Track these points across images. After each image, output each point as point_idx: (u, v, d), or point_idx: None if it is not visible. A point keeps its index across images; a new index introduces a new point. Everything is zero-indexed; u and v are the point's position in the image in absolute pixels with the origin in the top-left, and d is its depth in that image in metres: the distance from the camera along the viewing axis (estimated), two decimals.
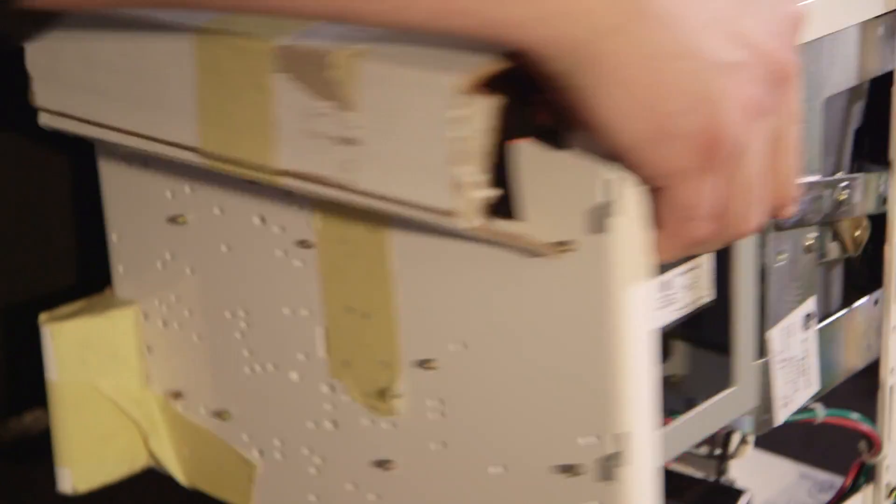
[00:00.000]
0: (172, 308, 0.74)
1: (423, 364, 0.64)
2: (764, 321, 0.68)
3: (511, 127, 0.54)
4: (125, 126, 0.65)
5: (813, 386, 0.70)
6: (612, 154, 0.53)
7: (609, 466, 0.58)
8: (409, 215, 0.56)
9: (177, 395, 0.76)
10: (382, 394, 0.66)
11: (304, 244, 0.66)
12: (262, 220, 0.68)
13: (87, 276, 0.81)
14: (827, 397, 0.74)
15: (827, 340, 0.73)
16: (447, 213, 0.54)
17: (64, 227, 0.80)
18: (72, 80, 0.67)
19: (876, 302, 0.75)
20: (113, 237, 0.76)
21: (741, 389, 0.66)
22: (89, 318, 0.76)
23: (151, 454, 0.78)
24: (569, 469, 0.59)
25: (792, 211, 0.58)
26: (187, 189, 0.71)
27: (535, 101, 0.54)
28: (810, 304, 0.69)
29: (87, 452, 0.77)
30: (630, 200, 0.54)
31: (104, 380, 0.76)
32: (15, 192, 0.78)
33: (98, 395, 0.76)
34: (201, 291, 0.72)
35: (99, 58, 0.65)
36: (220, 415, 0.74)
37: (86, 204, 0.79)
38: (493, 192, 0.54)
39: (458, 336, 0.62)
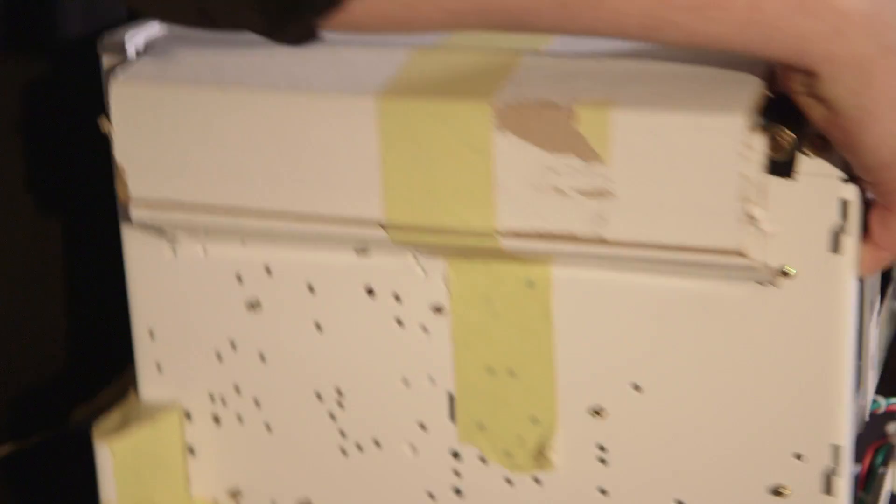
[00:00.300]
0: (231, 401, 0.70)
1: (586, 413, 0.64)
2: None
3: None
4: (262, 205, 0.61)
5: (876, 377, 0.74)
6: (859, 173, 0.56)
7: (830, 480, 0.60)
8: (674, 259, 0.56)
9: (234, 494, 0.72)
10: (532, 450, 0.65)
11: (436, 310, 0.65)
12: (370, 291, 0.66)
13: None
14: None
15: None
16: (734, 253, 0.55)
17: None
18: (179, 163, 0.62)
19: None
20: (143, 333, 0.71)
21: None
22: (140, 428, 0.70)
23: None
24: (777, 491, 0.61)
25: None
26: (264, 271, 0.67)
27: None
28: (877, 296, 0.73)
29: None
30: (856, 220, 0.57)
31: (157, 492, 0.71)
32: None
33: None
34: (277, 378, 0.69)
35: (218, 135, 0.61)
36: None
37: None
38: (775, 227, 0.56)
39: (630, 379, 0.63)
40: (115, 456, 0.68)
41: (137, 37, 0.66)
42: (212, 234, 0.66)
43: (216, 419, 0.71)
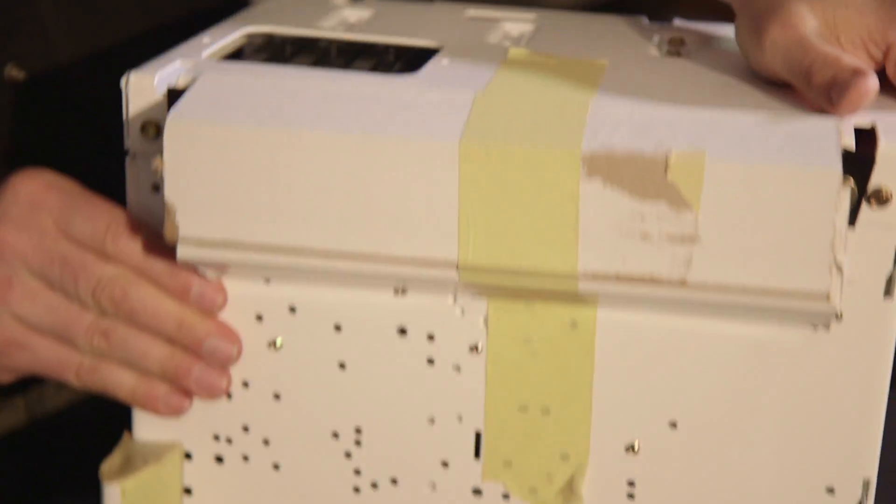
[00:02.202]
0: (237, 441, 0.69)
1: (619, 449, 0.66)
2: None
3: None
4: (327, 246, 0.61)
5: None
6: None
7: None
8: (753, 304, 0.58)
9: None
10: (559, 486, 0.67)
11: (472, 349, 0.65)
12: (402, 331, 0.66)
13: None
14: None
15: None
16: (822, 297, 0.57)
17: None
18: (237, 202, 0.61)
19: None
20: None
21: None
22: (147, 468, 0.68)
23: None
24: None
25: None
26: (287, 311, 0.66)
27: None
28: None
29: None
30: None
31: None
32: None
33: None
34: (290, 417, 0.68)
35: (284, 175, 0.61)
36: None
37: None
38: (853, 273, 0.59)
39: (667, 417, 0.65)
40: (124, 497, 0.66)
41: (166, 73, 0.64)
42: (240, 272, 0.65)
43: (218, 459, 0.69)
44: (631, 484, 0.66)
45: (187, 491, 0.70)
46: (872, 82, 0.59)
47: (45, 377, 0.67)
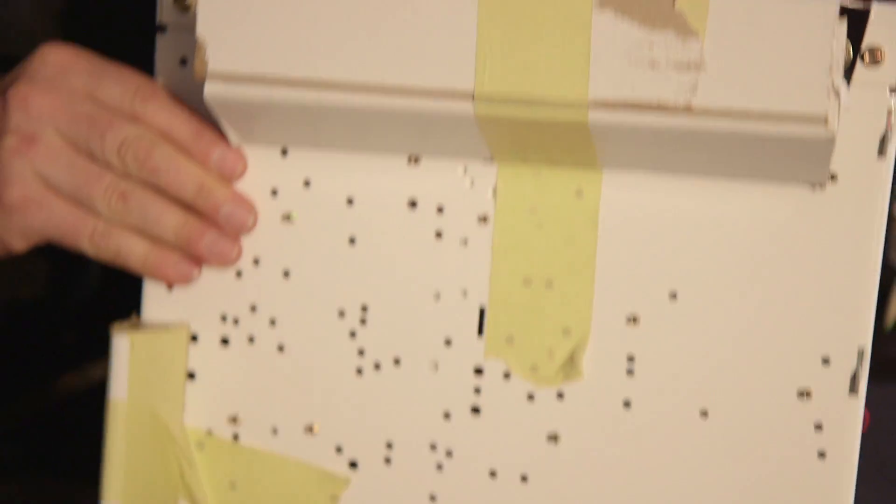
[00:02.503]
0: (244, 321, 0.70)
1: (619, 323, 0.67)
2: None
3: None
4: (349, 78, 0.63)
5: None
6: None
7: (855, 380, 0.66)
8: (755, 131, 0.61)
9: (233, 420, 0.71)
10: (559, 363, 0.68)
11: (481, 220, 0.68)
12: (413, 204, 0.68)
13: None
14: None
15: None
16: (820, 120, 0.61)
17: None
18: (262, 37, 0.64)
19: None
20: None
21: None
22: (157, 334, 0.69)
23: (187, 491, 0.71)
24: (803, 394, 0.66)
25: None
26: (302, 185, 0.69)
27: None
28: None
29: (136, 488, 0.68)
30: None
31: (160, 404, 0.69)
32: None
33: (154, 423, 0.69)
34: (299, 295, 0.70)
35: (309, 7, 0.63)
36: (306, 430, 0.70)
37: None
38: (846, 99, 0.62)
39: (667, 287, 0.67)
40: (133, 349, 0.67)
41: None
42: (263, 124, 0.67)
43: (224, 341, 0.70)
44: (630, 359, 0.68)
45: (190, 376, 0.71)
46: None
47: (58, 242, 0.69)
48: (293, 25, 0.64)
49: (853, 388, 0.66)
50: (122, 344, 0.67)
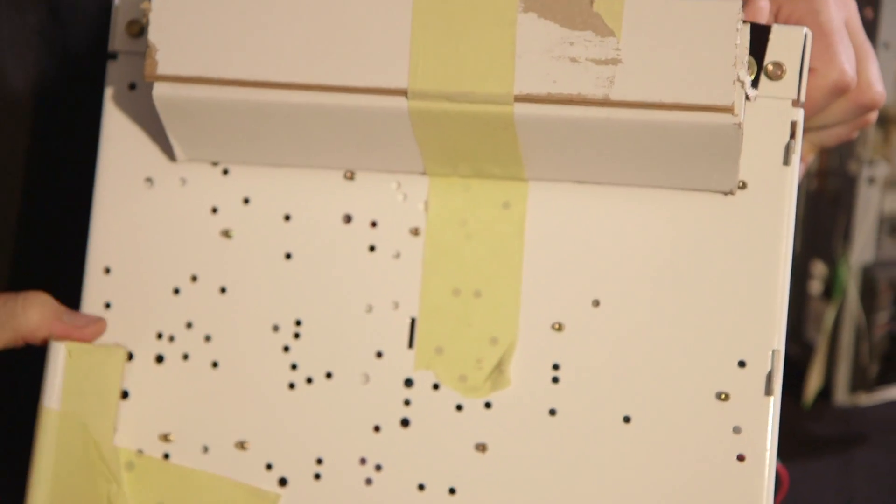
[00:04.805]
0: (179, 338, 0.72)
1: (544, 331, 0.70)
2: None
3: None
4: (290, 79, 0.67)
5: None
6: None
7: (769, 382, 0.68)
8: (669, 121, 0.66)
9: (164, 438, 0.72)
10: (487, 372, 0.70)
11: (413, 232, 0.71)
12: (348, 219, 0.72)
13: None
14: None
15: None
16: (727, 109, 0.65)
17: None
18: (209, 42, 0.68)
19: None
20: (97, 270, 0.72)
21: None
22: (94, 347, 0.70)
23: None
24: (723, 396, 0.68)
25: None
26: (241, 202, 0.72)
27: None
28: None
29: (62, 502, 0.68)
30: (801, 137, 0.69)
31: (91, 419, 0.70)
32: None
33: (85, 438, 0.69)
34: (234, 310, 0.72)
35: (253, 14, 0.67)
36: (237, 447, 0.71)
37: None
38: (755, 93, 0.67)
39: (591, 294, 0.70)
40: (69, 358, 0.68)
41: None
42: (214, 137, 0.70)
43: (159, 359, 0.72)
44: (556, 367, 0.70)
45: (124, 395, 0.72)
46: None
47: None
48: (236, 31, 0.68)
49: (768, 389, 0.68)
50: (59, 352, 0.68)
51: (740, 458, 0.68)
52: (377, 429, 0.70)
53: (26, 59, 0.77)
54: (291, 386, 0.71)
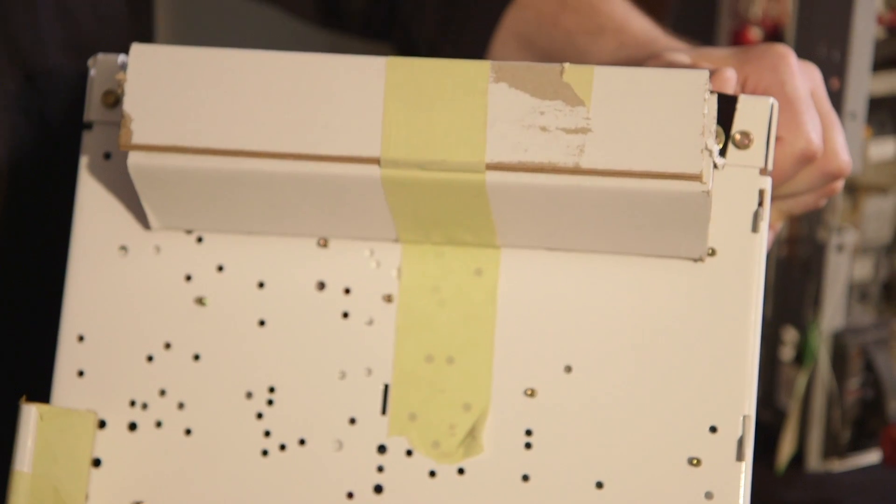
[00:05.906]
0: (153, 405, 0.72)
1: (517, 398, 0.70)
2: None
3: None
4: (266, 148, 0.68)
5: None
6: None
7: (740, 447, 0.69)
8: (639, 189, 0.66)
9: None
10: (461, 439, 0.70)
11: (386, 298, 0.71)
12: (322, 285, 0.72)
13: None
14: None
15: None
16: (695, 177, 0.66)
17: None
18: (188, 113, 0.69)
19: None
20: (71, 338, 0.73)
21: None
22: (65, 411, 0.70)
23: None
24: (695, 461, 0.69)
25: None
26: (215, 270, 0.72)
27: None
28: None
29: None
30: (769, 205, 0.70)
31: (64, 486, 0.70)
32: None
33: (57, 501, 0.69)
34: (208, 378, 0.72)
35: (230, 89, 0.69)
36: None
37: None
38: (720, 158, 0.68)
39: (562, 360, 0.70)
40: (41, 421, 0.68)
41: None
42: (181, 216, 0.71)
43: (132, 426, 0.72)
44: (528, 433, 0.70)
45: (96, 463, 0.72)
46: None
47: None
48: (211, 101, 0.69)
49: (740, 455, 0.68)
50: (30, 415, 0.68)
51: None
52: (350, 495, 0.71)
53: (3, 126, 0.77)
54: (265, 453, 0.71)
